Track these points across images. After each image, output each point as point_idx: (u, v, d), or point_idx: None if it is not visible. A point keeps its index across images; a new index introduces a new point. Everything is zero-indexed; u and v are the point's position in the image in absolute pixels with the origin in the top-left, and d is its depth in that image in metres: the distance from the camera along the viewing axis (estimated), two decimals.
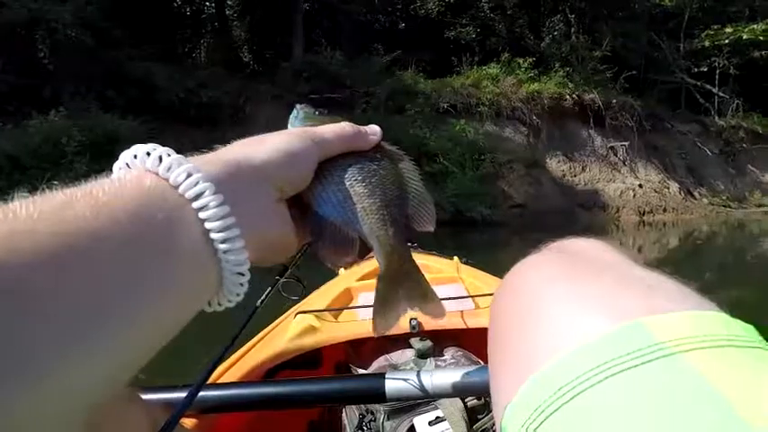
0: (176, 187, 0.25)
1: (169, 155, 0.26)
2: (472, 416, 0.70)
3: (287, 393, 0.55)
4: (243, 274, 0.28)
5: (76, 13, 7.47)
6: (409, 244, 0.40)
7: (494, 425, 0.68)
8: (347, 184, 0.35)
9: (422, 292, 0.38)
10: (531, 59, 13.07)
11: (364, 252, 0.36)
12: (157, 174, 0.26)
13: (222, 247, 0.26)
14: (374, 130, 0.38)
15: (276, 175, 0.31)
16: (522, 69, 12.87)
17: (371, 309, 0.37)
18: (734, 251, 9.14)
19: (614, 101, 13.25)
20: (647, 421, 0.18)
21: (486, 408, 0.71)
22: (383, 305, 0.37)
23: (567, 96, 12.90)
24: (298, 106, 0.41)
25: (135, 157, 0.27)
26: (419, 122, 10.95)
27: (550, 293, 0.26)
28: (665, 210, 12.84)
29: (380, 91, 11.14)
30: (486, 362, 0.57)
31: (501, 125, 12.29)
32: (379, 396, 0.54)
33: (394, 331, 0.79)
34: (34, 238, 0.19)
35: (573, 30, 13.91)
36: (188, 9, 13.67)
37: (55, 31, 7.19)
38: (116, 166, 0.27)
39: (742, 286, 4.99)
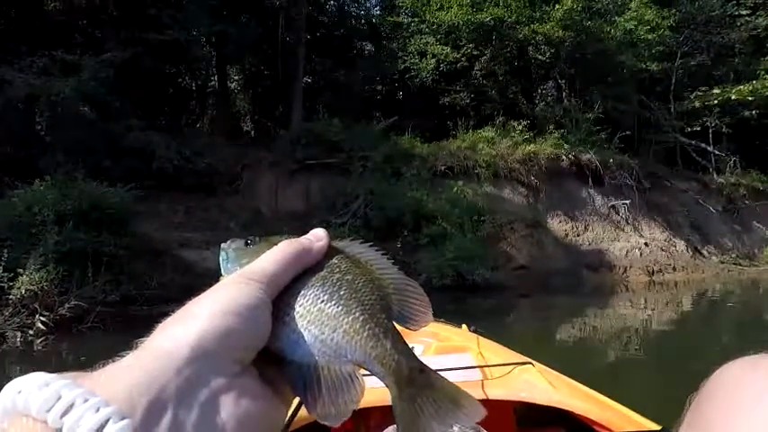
0: None
1: (58, 388, 0.21)
2: None
3: None
4: None
5: (79, 87, 7.70)
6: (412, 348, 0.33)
7: None
8: (315, 310, 0.29)
9: (451, 399, 0.30)
10: (525, 122, 13.35)
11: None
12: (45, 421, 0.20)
13: None
14: (318, 235, 0.32)
15: (225, 347, 0.25)
16: (518, 132, 13.09)
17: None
18: (751, 311, 8.71)
19: (611, 160, 13.34)
20: None
21: None
22: None
23: (564, 157, 13.01)
24: (223, 246, 0.34)
25: (19, 392, 0.21)
26: (416, 185, 10.95)
27: None
28: (674, 269, 12.43)
29: (377, 154, 11.25)
30: None
31: (499, 186, 12.29)
32: None
33: None
34: None
35: (564, 94, 14.35)
36: (193, 84, 14.31)
37: (55, 105, 7.38)
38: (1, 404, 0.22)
39: (765, 349, 4.56)
